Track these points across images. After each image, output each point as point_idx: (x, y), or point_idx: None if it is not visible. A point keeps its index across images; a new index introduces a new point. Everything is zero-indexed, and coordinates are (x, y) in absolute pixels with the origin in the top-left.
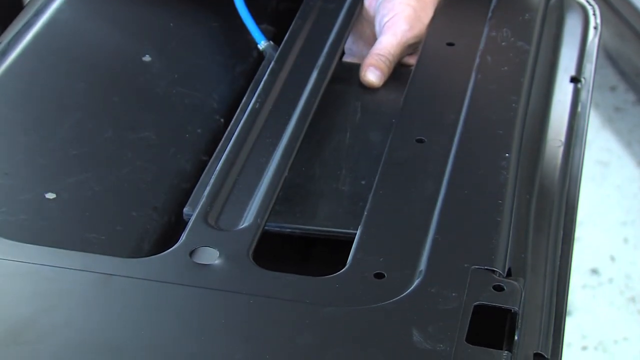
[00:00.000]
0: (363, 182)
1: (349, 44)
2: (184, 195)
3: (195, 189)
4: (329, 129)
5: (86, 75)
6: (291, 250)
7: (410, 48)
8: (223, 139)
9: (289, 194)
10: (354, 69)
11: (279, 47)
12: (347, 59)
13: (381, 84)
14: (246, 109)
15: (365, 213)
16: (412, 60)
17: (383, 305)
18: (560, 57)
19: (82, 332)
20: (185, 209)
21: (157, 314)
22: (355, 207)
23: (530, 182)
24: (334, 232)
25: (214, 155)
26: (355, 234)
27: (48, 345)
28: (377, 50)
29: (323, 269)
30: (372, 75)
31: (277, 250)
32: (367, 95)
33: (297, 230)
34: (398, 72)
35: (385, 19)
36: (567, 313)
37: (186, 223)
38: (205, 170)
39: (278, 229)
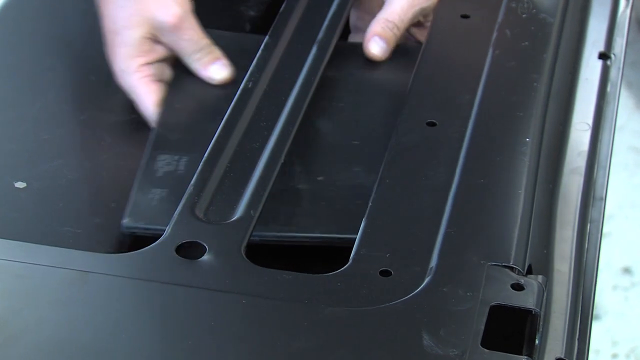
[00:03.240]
0: (365, 170)
1: (354, 21)
2: None
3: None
4: (330, 110)
5: (60, 51)
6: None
7: (421, 13)
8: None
9: (277, 192)
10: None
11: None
12: (353, 37)
13: (385, 57)
14: (238, 88)
15: (370, 204)
16: (420, 33)
17: (390, 305)
18: (588, 31)
19: (56, 334)
20: (123, 221)
21: (139, 315)
22: (357, 201)
23: (554, 169)
24: (331, 238)
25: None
26: (354, 239)
27: (18, 348)
28: (385, 15)
29: (323, 265)
30: (375, 48)
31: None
32: (372, 72)
33: (284, 239)
34: (407, 47)
35: None
36: (596, 317)
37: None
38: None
39: (257, 238)
